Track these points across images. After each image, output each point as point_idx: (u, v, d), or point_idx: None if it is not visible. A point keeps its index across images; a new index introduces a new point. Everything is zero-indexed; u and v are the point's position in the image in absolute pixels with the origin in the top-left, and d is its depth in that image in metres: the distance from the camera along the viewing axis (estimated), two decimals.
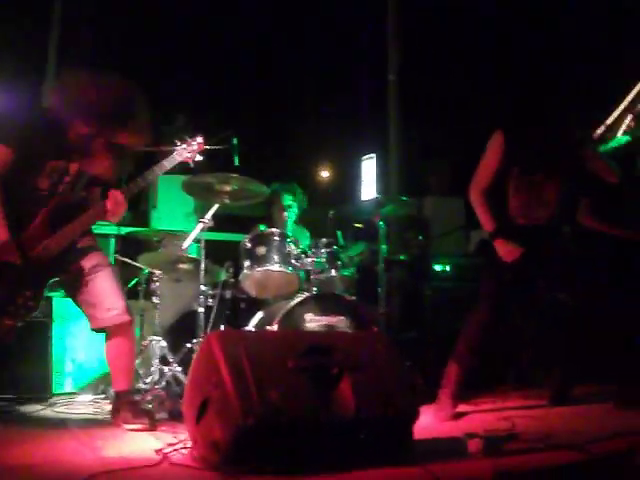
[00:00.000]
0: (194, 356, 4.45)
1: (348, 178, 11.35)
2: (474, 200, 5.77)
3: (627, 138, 7.15)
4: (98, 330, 5.27)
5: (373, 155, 10.31)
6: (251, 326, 6.36)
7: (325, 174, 15.79)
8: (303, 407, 3.90)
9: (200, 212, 7.39)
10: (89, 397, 6.68)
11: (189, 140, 5.76)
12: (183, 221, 8.77)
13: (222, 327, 6.58)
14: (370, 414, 4.02)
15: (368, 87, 11.93)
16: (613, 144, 6.95)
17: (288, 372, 3.97)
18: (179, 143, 5.72)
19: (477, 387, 6.42)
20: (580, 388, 6.22)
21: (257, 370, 3.90)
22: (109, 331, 5.27)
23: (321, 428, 3.91)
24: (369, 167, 10.34)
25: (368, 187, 10.26)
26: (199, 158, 5.83)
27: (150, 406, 5.70)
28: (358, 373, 4.10)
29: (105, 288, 5.22)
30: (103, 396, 6.58)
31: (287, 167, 12.38)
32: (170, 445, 4.42)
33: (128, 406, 5.25)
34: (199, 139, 5.82)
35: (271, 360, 4.00)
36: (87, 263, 5.22)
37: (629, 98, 13.30)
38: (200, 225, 6.32)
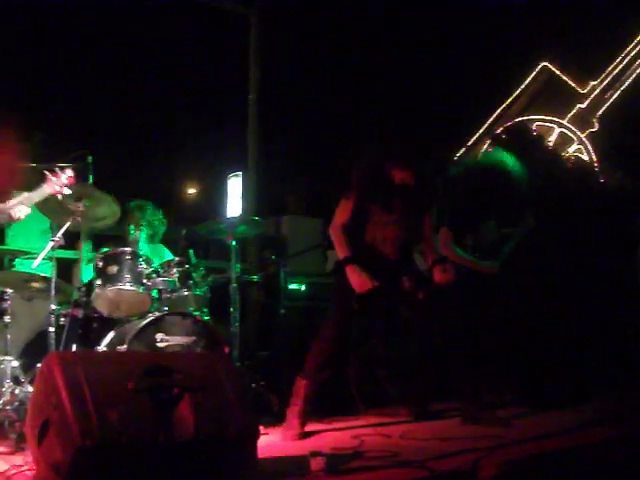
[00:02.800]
0: (36, 377, 4.41)
1: (216, 196, 11.35)
2: (333, 231, 5.92)
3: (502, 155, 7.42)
4: None
5: (239, 173, 10.34)
6: (103, 346, 6.30)
7: (192, 191, 15.75)
8: (143, 428, 3.90)
9: (56, 230, 7.29)
10: None
11: (59, 173, 5.72)
12: (39, 239, 8.61)
13: (74, 347, 6.49)
14: (210, 434, 4.05)
15: (234, 105, 11.95)
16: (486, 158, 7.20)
17: (128, 393, 3.97)
18: (48, 175, 5.68)
19: (330, 406, 6.50)
20: (439, 404, 6.36)
21: (96, 391, 3.90)
22: None
23: (161, 449, 3.92)
24: (235, 185, 10.37)
25: (234, 205, 10.28)
26: (68, 192, 5.80)
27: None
28: (198, 394, 4.12)
29: None
30: None
31: (152, 185, 12.32)
32: (15, 467, 4.37)
33: None
34: (69, 172, 5.79)
35: (111, 381, 4.00)
36: None
37: (489, 122, 13.66)
38: (51, 243, 6.24)
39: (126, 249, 6.61)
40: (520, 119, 14.50)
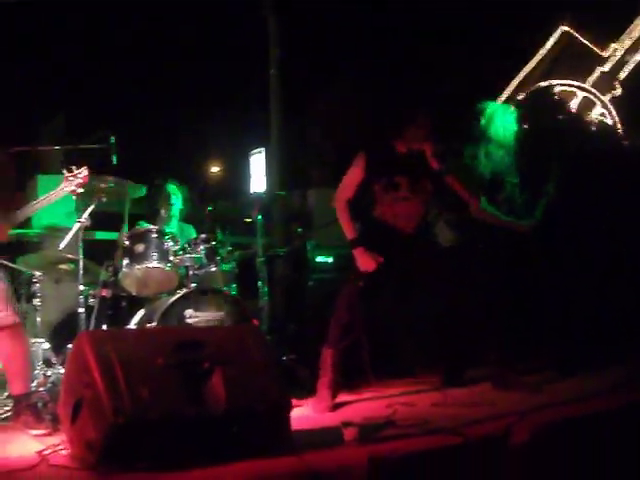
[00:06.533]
0: (67, 357, 4.45)
1: (240, 173, 11.32)
2: (338, 210, 5.96)
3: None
4: None
5: (262, 149, 10.33)
6: (133, 324, 6.35)
7: (215, 169, 15.74)
8: (174, 403, 3.93)
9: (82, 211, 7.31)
10: None
11: (75, 172, 5.77)
12: (64, 220, 8.64)
13: (104, 327, 6.53)
14: (242, 407, 4.07)
15: (255, 82, 11.90)
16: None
17: (158, 369, 4.00)
18: (65, 172, 5.73)
19: (361, 376, 6.52)
20: (469, 371, 6.36)
21: (127, 369, 3.92)
22: None
23: (193, 423, 3.95)
24: (258, 161, 10.36)
25: (257, 181, 10.28)
26: (81, 191, 5.86)
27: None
28: (229, 367, 4.14)
29: None
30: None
31: (176, 164, 12.31)
32: (51, 446, 4.40)
33: (28, 410, 5.22)
34: (84, 171, 5.83)
35: (142, 358, 4.03)
36: None
37: (510, 89, 13.54)
38: (77, 225, 6.27)
39: (152, 227, 6.64)
40: (542, 84, 14.37)
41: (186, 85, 12.57)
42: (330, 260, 8.12)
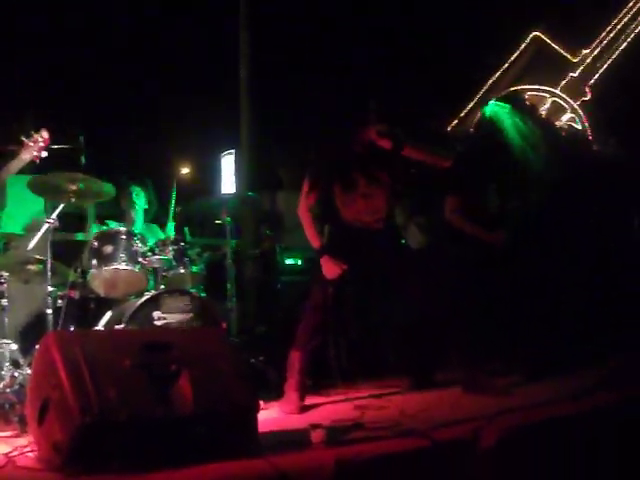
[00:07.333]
0: (34, 358, 4.42)
1: (210, 174, 11.30)
2: (302, 217, 6.02)
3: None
4: None
5: (232, 150, 10.31)
6: (101, 326, 6.32)
7: (185, 170, 15.67)
8: (141, 404, 3.92)
9: (50, 212, 7.27)
10: None
11: (34, 136, 5.70)
12: (33, 221, 8.60)
13: (72, 328, 6.49)
14: (208, 409, 4.07)
15: (224, 82, 11.87)
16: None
17: (125, 370, 3.99)
18: (24, 139, 5.66)
19: (330, 378, 6.52)
20: (439, 374, 6.37)
21: (94, 369, 3.90)
22: None
23: (160, 425, 3.94)
24: (229, 162, 10.35)
25: (227, 183, 10.27)
26: (45, 154, 5.78)
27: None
28: (196, 369, 4.13)
29: None
30: None
31: (146, 164, 12.26)
32: (18, 448, 4.38)
33: None
34: (44, 134, 5.77)
35: (109, 359, 4.01)
36: None
37: (481, 93, 13.63)
38: (46, 225, 6.23)
39: (121, 228, 6.61)
40: (512, 89, 14.45)
41: (158, 85, 12.53)
42: (299, 262, 8.13)
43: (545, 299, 6.71)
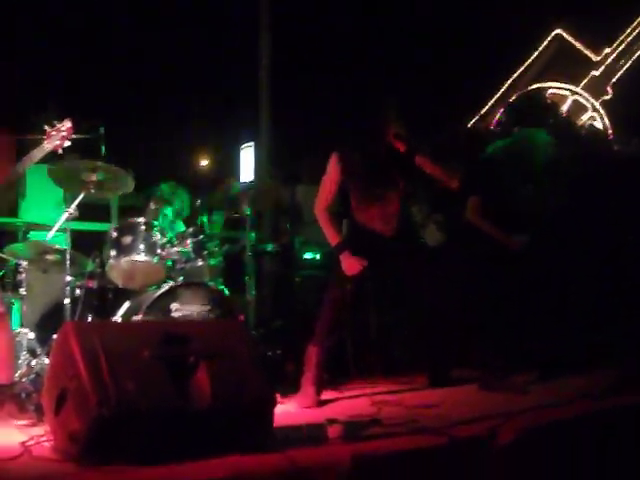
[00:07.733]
0: (52, 347, 4.42)
1: (230, 167, 11.32)
2: (319, 217, 6.01)
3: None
4: None
5: (251, 143, 10.31)
6: (118, 317, 6.32)
7: (205, 163, 15.70)
8: (159, 396, 3.91)
9: (70, 201, 7.28)
10: None
11: (57, 125, 5.71)
12: (52, 211, 8.61)
13: (89, 318, 6.51)
14: (226, 402, 4.06)
15: (245, 74, 11.88)
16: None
17: (144, 362, 3.98)
18: (47, 128, 5.67)
19: (347, 374, 6.53)
20: (456, 371, 6.35)
21: (113, 361, 3.90)
22: None
23: (177, 417, 3.93)
24: (248, 155, 10.34)
25: (247, 175, 10.27)
26: (68, 144, 5.79)
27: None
28: (214, 362, 4.12)
29: None
30: None
31: (167, 157, 12.31)
32: (34, 438, 4.37)
33: (12, 400, 5.19)
34: (67, 123, 5.77)
35: (127, 350, 4.00)
36: None
37: (502, 90, 13.57)
38: (65, 215, 6.24)
39: (140, 220, 6.60)
40: (533, 87, 14.40)
41: (179, 81, 12.57)
42: (318, 257, 8.13)
43: (560, 296, 6.70)
